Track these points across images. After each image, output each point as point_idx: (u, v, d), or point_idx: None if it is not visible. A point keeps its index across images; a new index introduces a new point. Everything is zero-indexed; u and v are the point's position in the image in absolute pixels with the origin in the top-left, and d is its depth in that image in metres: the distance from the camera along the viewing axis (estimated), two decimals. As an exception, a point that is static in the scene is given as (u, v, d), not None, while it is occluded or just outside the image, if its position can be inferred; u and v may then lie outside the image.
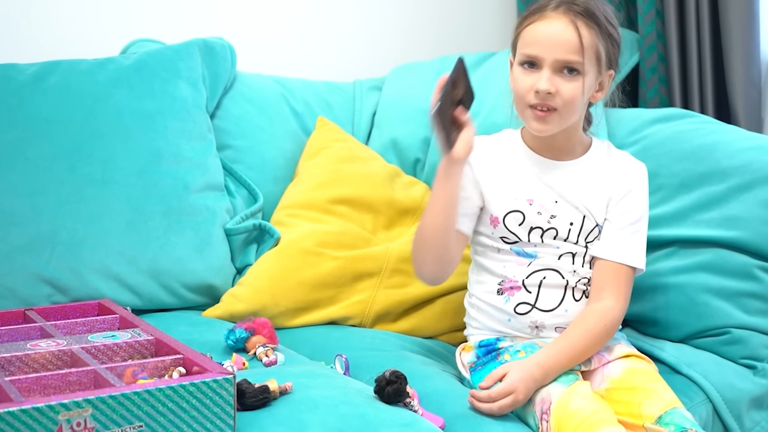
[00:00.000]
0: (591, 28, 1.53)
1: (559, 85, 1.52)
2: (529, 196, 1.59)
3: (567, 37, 1.51)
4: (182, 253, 1.83)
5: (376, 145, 2.20)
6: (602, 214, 1.59)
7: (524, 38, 1.55)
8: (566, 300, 1.57)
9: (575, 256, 1.58)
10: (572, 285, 1.57)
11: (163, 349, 1.42)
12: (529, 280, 1.57)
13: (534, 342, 1.56)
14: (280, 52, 2.36)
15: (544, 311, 1.57)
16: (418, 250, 1.56)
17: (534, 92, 1.52)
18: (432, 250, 1.54)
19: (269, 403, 1.31)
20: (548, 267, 1.57)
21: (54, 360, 1.37)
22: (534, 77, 1.53)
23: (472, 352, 1.62)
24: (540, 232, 1.58)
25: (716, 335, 1.69)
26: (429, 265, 1.57)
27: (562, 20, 1.52)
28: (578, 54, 1.51)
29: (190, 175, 1.88)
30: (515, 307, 1.58)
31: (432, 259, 1.55)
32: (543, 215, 1.58)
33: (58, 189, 1.78)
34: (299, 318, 1.83)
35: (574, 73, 1.52)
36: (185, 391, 1.19)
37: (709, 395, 1.61)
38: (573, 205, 1.59)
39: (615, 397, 1.48)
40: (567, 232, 1.58)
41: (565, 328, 1.56)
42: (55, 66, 1.87)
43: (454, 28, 2.56)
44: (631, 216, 1.59)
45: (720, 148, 1.76)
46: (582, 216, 1.58)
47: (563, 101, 1.52)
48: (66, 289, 1.75)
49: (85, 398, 1.14)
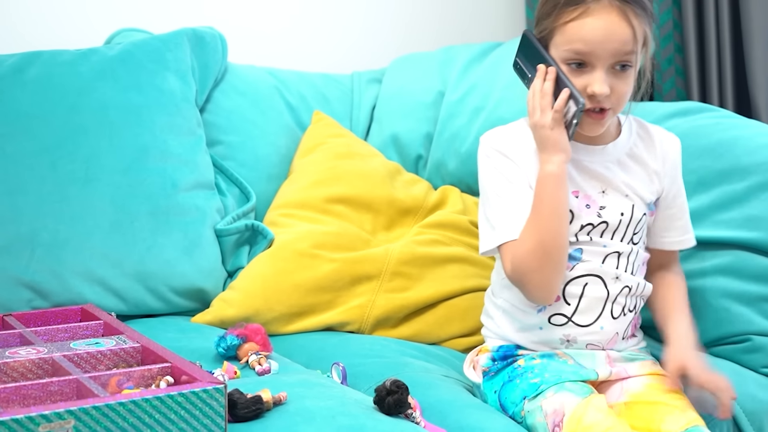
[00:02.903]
0: (639, 16, 1.48)
1: (613, 85, 1.48)
2: (574, 188, 1.54)
3: (621, 33, 1.46)
4: (170, 255, 1.83)
5: (376, 141, 2.20)
6: (650, 196, 1.58)
7: (568, 35, 1.48)
8: (604, 316, 1.54)
9: (620, 257, 1.56)
10: (612, 297, 1.55)
11: (150, 357, 1.42)
12: (570, 289, 1.54)
13: (553, 352, 1.55)
14: (274, 42, 2.36)
15: (579, 326, 1.54)
16: (544, 268, 1.47)
17: (587, 95, 1.48)
18: (561, 263, 1.49)
19: (262, 414, 1.31)
20: (592, 272, 1.54)
21: (34, 369, 1.37)
22: (585, 78, 1.48)
23: (488, 355, 1.60)
24: (590, 229, 1.54)
25: (736, 342, 1.69)
26: (555, 282, 1.50)
27: (612, 13, 1.46)
28: (632, 46, 1.47)
29: (178, 172, 1.88)
30: (550, 317, 1.55)
31: (560, 272, 1.49)
32: (592, 208, 1.55)
33: (39, 187, 1.78)
34: (294, 324, 1.83)
35: (626, 68, 1.49)
36: (173, 402, 1.19)
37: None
38: (622, 192, 1.56)
39: (634, 411, 1.48)
40: (617, 222, 1.55)
41: (597, 345, 1.54)
42: (36, 57, 1.87)
43: (457, 17, 2.56)
44: (683, 195, 1.61)
45: (740, 144, 1.76)
46: (631, 204, 1.56)
47: (617, 99, 1.49)
48: (47, 294, 1.75)
49: (67, 409, 1.14)
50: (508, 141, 1.55)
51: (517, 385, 1.52)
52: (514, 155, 1.54)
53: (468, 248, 1.93)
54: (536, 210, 1.48)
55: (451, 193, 2.06)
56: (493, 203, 1.54)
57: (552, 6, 1.50)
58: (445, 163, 2.12)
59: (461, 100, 2.15)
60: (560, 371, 1.50)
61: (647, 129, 1.62)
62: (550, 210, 1.47)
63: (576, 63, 1.49)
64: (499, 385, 1.55)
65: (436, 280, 1.87)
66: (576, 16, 1.47)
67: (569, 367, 1.52)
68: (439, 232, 1.94)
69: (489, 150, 1.56)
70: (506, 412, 1.52)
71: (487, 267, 1.92)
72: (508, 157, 1.54)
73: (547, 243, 1.47)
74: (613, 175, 1.56)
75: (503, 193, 1.53)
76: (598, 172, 1.56)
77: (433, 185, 2.13)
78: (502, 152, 1.54)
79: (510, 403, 1.52)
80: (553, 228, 1.47)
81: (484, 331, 1.65)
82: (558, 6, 1.49)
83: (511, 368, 1.55)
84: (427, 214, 2.01)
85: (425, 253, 1.89)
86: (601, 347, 1.55)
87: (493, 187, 1.54)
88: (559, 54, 1.50)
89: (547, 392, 1.47)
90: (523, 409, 1.49)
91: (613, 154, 1.57)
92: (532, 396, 1.48)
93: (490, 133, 1.59)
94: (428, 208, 2.03)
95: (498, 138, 1.57)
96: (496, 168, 1.54)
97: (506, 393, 1.53)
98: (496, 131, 1.59)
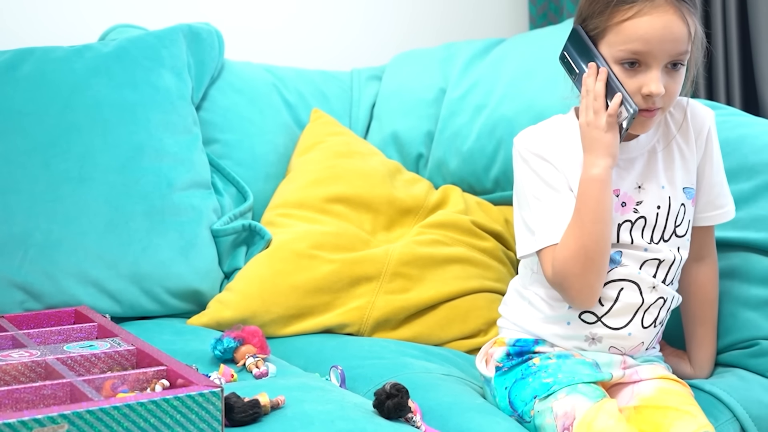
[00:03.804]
0: (692, 14, 1.49)
1: (667, 84, 1.48)
2: (614, 186, 1.53)
3: (678, 31, 1.46)
4: (165, 256, 1.83)
5: (376, 139, 2.20)
6: (687, 179, 1.58)
7: (624, 34, 1.47)
8: (634, 323, 1.54)
9: (660, 265, 1.55)
10: (646, 306, 1.54)
11: (145, 360, 1.42)
12: (606, 291, 1.53)
13: (570, 353, 1.55)
14: (272, 38, 2.36)
15: (608, 327, 1.54)
16: (586, 273, 1.48)
17: (642, 95, 1.47)
18: (603, 267, 1.49)
19: (260, 418, 1.31)
20: (628, 278, 1.54)
21: (27, 372, 1.37)
22: (639, 79, 1.48)
23: (504, 349, 1.59)
24: (629, 226, 1.54)
25: (743, 348, 1.69)
26: (597, 286, 1.50)
27: (669, 11, 1.46)
28: (687, 45, 1.48)
29: (174, 171, 1.88)
30: (581, 314, 1.55)
31: (602, 277, 1.50)
32: (628, 206, 1.54)
33: (32, 187, 1.78)
34: (292, 326, 1.83)
35: (678, 67, 1.49)
36: (169, 406, 1.19)
37: (736, 413, 1.60)
38: (658, 184, 1.56)
39: (644, 415, 1.48)
40: (655, 217, 1.55)
41: (619, 350, 1.55)
42: (29, 54, 1.87)
43: (459, 12, 2.56)
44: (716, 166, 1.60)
45: (747, 142, 1.76)
46: (667, 196, 1.56)
47: (669, 98, 1.49)
48: (40, 296, 1.75)
49: (61, 413, 1.14)
50: (545, 143, 1.54)
51: (529, 383, 1.52)
52: (553, 158, 1.53)
53: (469, 249, 1.93)
54: (579, 214, 1.48)
55: (452, 193, 2.06)
56: (533, 207, 1.53)
57: (605, 4, 1.49)
58: (447, 162, 2.12)
59: (463, 97, 2.14)
60: (574, 372, 1.50)
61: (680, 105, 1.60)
62: (594, 214, 1.47)
63: (629, 62, 1.48)
64: (510, 381, 1.55)
65: (437, 281, 1.87)
66: (632, 15, 1.47)
67: (585, 367, 1.52)
68: (440, 232, 1.94)
69: (526, 153, 1.55)
70: (515, 410, 1.52)
71: (489, 268, 1.92)
72: (546, 160, 1.53)
73: (590, 247, 1.47)
74: (648, 166, 1.56)
75: (543, 196, 1.52)
76: (634, 167, 1.56)
77: (434, 184, 2.12)
78: (540, 155, 1.53)
79: (520, 401, 1.52)
80: (596, 232, 1.47)
81: (500, 322, 1.64)
82: (611, 4, 1.48)
83: (525, 365, 1.55)
84: (428, 214, 2.01)
85: (426, 253, 1.89)
86: (623, 353, 1.55)
87: (533, 191, 1.54)
88: (613, 53, 1.49)
89: (558, 393, 1.47)
90: (532, 409, 1.49)
91: (646, 144, 1.57)
92: (543, 396, 1.49)
93: (525, 134, 1.58)
94: (429, 208, 2.03)
95: (534, 140, 1.56)
96: (534, 171, 1.54)
97: (517, 390, 1.53)
98: (530, 132, 1.58)
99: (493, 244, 1.97)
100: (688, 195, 1.58)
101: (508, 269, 1.96)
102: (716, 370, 1.69)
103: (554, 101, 1.70)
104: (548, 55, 2.05)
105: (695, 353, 1.66)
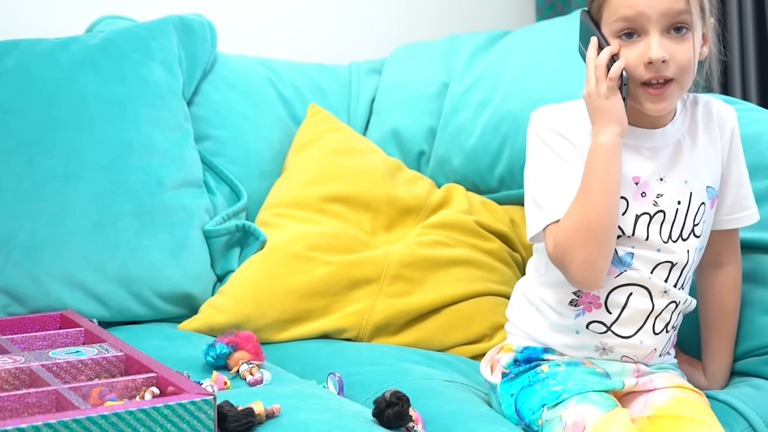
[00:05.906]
0: None
1: (671, 50, 1.47)
2: (635, 173, 1.53)
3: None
4: (155, 257, 1.84)
5: (375, 136, 2.20)
6: (711, 177, 1.57)
7: (613, 6, 1.48)
8: (645, 330, 1.54)
9: (673, 269, 1.55)
10: (657, 312, 1.54)
11: (134, 366, 1.42)
12: (614, 297, 1.53)
13: (580, 360, 1.55)
14: (267, 30, 2.36)
15: (619, 336, 1.54)
16: (587, 246, 1.45)
17: (644, 65, 1.47)
18: (606, 242, 1.47)
19: (254, 427, 1.31)
20: (638, 282, 1.54)
21: (10, 379, 1.37)
22: (639, 47, 1.47)
23: (511, 355, 1.59)
24: (647, 220, 1.53)
25: (760, 355, 1.69)
26: (600, 263, 1.47)
27: None
28: (684, 4, 1.46)
29: (164, 169, 1.88)
30: (588, 323, 1.55)
31: (605, 253, 1.47)
32: (648, 196, 1.54)
33: (15, 185, 1.78)
34: (288, 331, 1.84)
35: (682, 32, 1.47)
36: (159, 415, 1.20)
37: (751, 422, 1.61)
38: (681, 178, 1.55)
39: (658, 425, 1.48)
40: (674, 212, 1.54)
41: (631, 359, 1.55)
42: (12, 46, 1.87)
43: (463, 3, 2.57)
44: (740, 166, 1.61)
45: (764, 139, 1.76)
46: (689, 192, 1.55)
47: (679, 68, 1.48)
48: (24, 299, 1.76)
49: (46, 422, 1.14)
50: (563, 120, 1.53)
51: (537, 391, 1.52)
52: (571, 135, 1.53)
53: (473, 250, 1.93)
54: (585, 183, 1.47)
55: (455, 192, 2.06)
56: (542, 182, 1.53)
57: None
58: (449, 160, 2.12)
59: (466, 91, 2.15)
60: (584, 380, 1.50)
61: (703, 102, 1.61)
62: (600, 184, 1.46)
63: (626, 33, 1.48)
64: (517, 388, 1.55)
65: (439, 284, 1.87)
66: None
67: (595, 376, 1.52)
68: (443, 232, 1.94)
69: (542, 128, 1.54)
70: (522, 418, 1.52)
71: (494, 270, 1.93)
72: (564, 136, 1.52)
73: (593, 219, 1.45)
74: (672, 159, 1.55)
75: (555, 171, 1.52)
76: (658, 157, 1.55)
77: (437, 183, 2.13)
78: (558, 131, 1.53)
79: (527, 409, 1.52)
80: (600, 203, 1.46)
81: (508, 327, 1.64)
82: None
83: (533, 372, 1.55)
84: (430, 214, 2.01)
85: (428, 255, 1.89)
86: (635, 361, 1.55)
87: (545, 166, 1.53)
88: (610, 29, 1.50)
89: (568, 402, 1.47)
90: (540, 418, 1.49)
91: (673, 136, 1.56)
92: (552, 404, 1.48)
93: (543, 110, 1.57)
94: (431, 208, 2.03)
95: (553, 116, 1.55)
96: (548, 145, 1.53)
97: (524, 398, 1.53)
98: (549, 109, 1.57)
99: (498, 245, 1.97)
100: (709, 194, 1.57)
101: (513, 271, 1.96)
102: (731, 380, 1.69)
103: (562, 96, 1.70)
104: (556, 48, 2.06)
105: (709, 364, 1.66)
